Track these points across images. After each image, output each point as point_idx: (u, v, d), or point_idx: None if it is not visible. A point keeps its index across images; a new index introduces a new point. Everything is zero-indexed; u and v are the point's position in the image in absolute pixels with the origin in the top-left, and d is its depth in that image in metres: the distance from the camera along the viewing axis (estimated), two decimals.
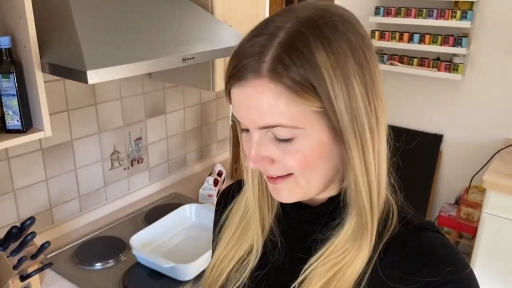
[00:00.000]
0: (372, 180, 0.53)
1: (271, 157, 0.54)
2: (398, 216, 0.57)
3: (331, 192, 0.59)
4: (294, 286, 0.57)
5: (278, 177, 0.55)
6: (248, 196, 0.65)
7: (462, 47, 2.22)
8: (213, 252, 0.73)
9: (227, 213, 0.70)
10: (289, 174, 0.55)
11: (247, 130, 0.55)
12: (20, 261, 1.12)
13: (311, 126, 0.51)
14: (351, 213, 0.55)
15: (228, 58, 1.64)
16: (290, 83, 0.48)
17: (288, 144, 0.52)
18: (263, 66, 0.49)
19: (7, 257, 1.12)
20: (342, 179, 0.58)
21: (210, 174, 1.86)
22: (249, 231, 0.66)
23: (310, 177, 0.54)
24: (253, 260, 0.65)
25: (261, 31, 0.51)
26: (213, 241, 0.76)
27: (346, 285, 0.54)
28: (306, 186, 0.55)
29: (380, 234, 0.56)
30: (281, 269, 0.63)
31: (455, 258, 0.53)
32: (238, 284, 0.65)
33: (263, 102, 0.50)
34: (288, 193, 0.57)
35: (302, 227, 0.62)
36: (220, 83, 1.57)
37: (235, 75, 0.51)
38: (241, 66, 0.50)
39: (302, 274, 0.56)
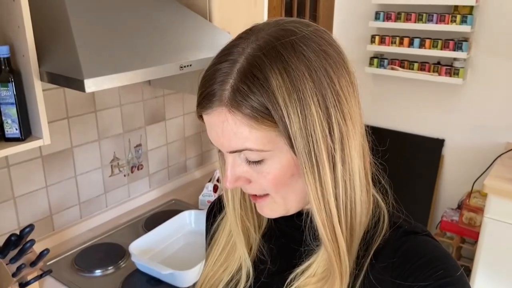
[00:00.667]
0: (331, 206, 0.52)
1: (246, 177, 0.55)
2: (388, 221, 0.57)
3: None
4: None
5: (257, 196, 0.57)
6: (230, 219, 0.65)
7: (462, 51, 2.22)
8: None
9: (214, 228, 0.71)
10: (266, 194, 0.56)
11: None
12: (19, 268, 1.12)
13: (277, 148, 0.51)
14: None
15: None
16: (248, 110, 0.49)
17: (259, 166, 0.53)
18: (224, 94, 0.50)
19: (6, 264, 1.12)
20: None
21: (209, 180, 1.86)
22: (236, 252, 0.66)
23: (286, 195, 0.55)
24: (244, 282, 0.65)
25: (225, 56, 0.51)
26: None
27: None
28: (284, 203, 0.56)
29: (367, 243, 0.56)
30: (273, 280, 0.63)
31: (446, 261, 0.53)
32: None
33: (227, 129, 0.51)
34: (270, 211, 0.58)
35: (293, 235, 0.62)
36: None
37: (201, 102, 0.52)
38: (206, 93, 0.51)
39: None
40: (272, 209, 0.58)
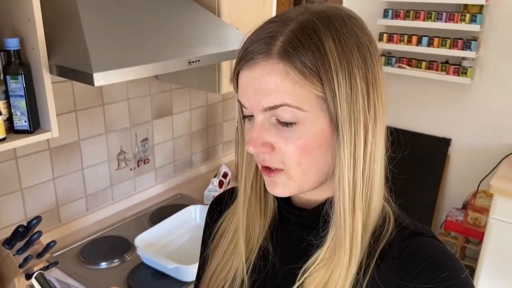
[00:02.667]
0: (358, 179, 0.52)
1: (271, 144, 0.53)
2: (394, 222, 0.57)
3: (328, 193, 0.58)
4: None
5: (271, 170, 0.55)
6: (239, 203, 0.64)
7: (471, 50, 2.20)
8: (201, 262, 0.73)
9: (218, 225, 0.70)
10: (281, 169, 0.54)
11: (249, 118, 0.55)
12: (26, 259, 1.13)
13: (314, 112, 0.51)
14: (334, 219, 0.55)
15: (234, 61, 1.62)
16: (299, 64, 0.50)
17: (291, 129, 0.52)
18: (273, 48, 0.51)
19: (13, 255, 1.14)
20: None
21: (215, 176, 1.87)
22: (238, 249, 0.65)
23: (306, 168, 0.54)
24: (241, 281, 0.64)
25: (274, 21, 0.53)
26: (201, 253, 0.75)
27: None
28: (301, 178, 0.54)
29: (376, 241, 0.56)
30: (278, 279, 0.63)
31: (451, 263, 0.53)
32: None
33: (270, 81, 0.51)
34: (282, 188, 0.56)
35: (300, 234, 0.61)
36: (226, 86, 1.58)
37: (245, 57, 0.52)
38: (252, 49, 0.52)
39: (298, 281, 0.56)
40: (285, 186, 0.55)
